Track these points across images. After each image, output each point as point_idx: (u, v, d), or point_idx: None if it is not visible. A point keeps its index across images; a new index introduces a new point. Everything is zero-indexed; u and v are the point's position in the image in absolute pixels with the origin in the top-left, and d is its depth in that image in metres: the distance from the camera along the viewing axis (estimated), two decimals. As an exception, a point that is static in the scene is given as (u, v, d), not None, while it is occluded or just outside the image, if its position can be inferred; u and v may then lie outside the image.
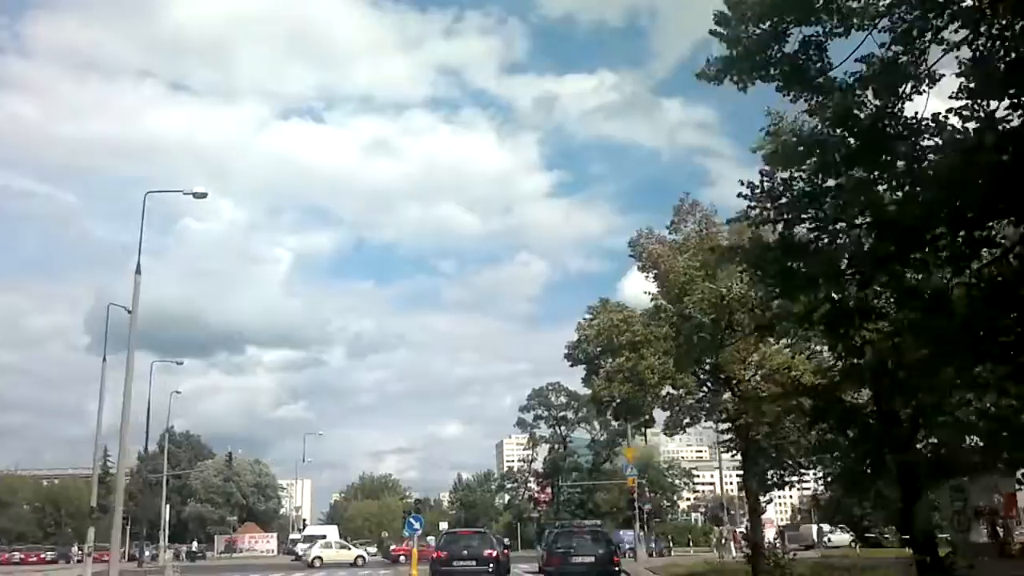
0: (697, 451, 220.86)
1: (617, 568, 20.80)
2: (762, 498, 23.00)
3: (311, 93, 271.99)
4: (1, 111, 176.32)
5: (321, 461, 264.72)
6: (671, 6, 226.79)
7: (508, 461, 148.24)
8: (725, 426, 22.31)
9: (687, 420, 21.93)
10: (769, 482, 22.32)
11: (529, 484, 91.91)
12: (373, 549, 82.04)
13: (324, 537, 63.66)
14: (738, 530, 52.72)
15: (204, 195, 28.14)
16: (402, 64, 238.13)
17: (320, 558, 49.59)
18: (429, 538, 69.76)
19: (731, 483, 74.45)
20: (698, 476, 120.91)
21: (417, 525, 32.41)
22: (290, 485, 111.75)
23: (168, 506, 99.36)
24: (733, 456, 23.09)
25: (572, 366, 22.64)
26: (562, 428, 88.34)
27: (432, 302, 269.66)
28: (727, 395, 21.06)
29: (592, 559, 20.61)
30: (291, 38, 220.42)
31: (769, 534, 41.39)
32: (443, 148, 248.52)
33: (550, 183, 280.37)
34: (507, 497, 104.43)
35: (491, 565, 21.54)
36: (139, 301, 26.77)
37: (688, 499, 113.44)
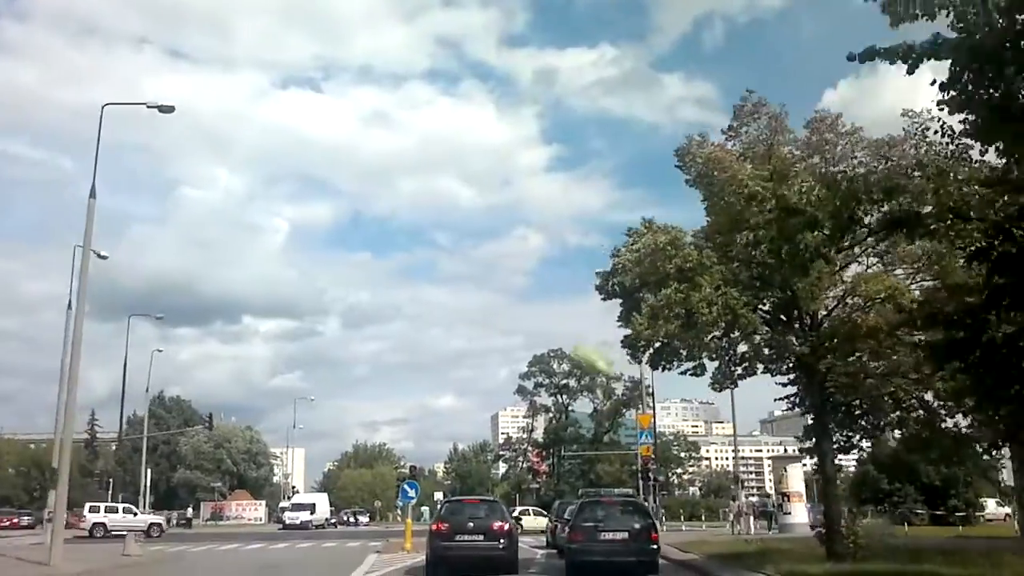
0: (693, 426, 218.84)
1: (656, 546, 17.05)
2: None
3: (310, 63, 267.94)
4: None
5: (316, 431, 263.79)
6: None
7: (503, 433, 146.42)
8: (785, 379, 18.58)
9: (739, 371, 18.20)
10: (835, 446, 18.66)
11: (528, 454, 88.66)
12: (366, 519, 79.33)
13: (313, 506, 60.52)
14: (755, 503, 49.53)
15: (170, 109, 24.73)
16: (401, 35, 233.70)
17: (520, 525, 46.12)
18: (423, 508, 66.98)
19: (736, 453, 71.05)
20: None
21: (412, 493, 29.17)
22: (283, 453, 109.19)
23: (154, 472, 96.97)
24: (804, 414, 19.27)
25: (605, 299, 18.82)
26: (563, 397, 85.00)
27: (429, 274, 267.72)
28: (791, 338, 17.24)
29: (625, 535, 16.82)
30: (290, 6, 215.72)
31: (800, 510, 37.87)
32: (442, 121, 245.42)
33: (549, 157, 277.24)
34: (504, 467, 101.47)
35: (502, 541, 17.75)
36: (93, 228, 23.48)
37: (687, 473, 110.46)
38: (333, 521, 68.28)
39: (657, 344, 17.57)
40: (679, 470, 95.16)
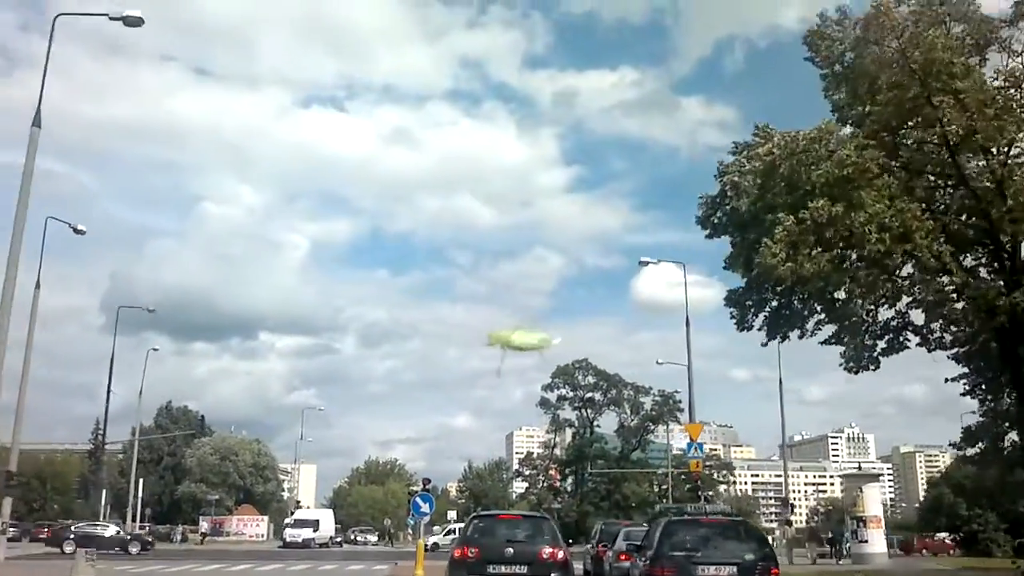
0: (712, 449, 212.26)
1: (780, 586, 11.91)
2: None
3: (333, 81, 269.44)
4: (24, 89, 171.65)
5: (330, 449, 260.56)
6: (694, 5, 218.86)
7: (518, 453, 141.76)
8: (952, 351, 13.43)
9: (881, 346, 12.95)
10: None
11: (550, 471, 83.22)
12: (374, 537, 73.96)
13: (317, 523, 55.64)
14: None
15: (138, 21, 20.23)
16: (425, 55, 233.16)
17: None
18: (436, 528, 61.73)
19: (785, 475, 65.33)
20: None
21: (426, 507, 24.05)
22: (294, 469, 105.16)
23: (158, 484, 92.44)
24: (987, 401, 13.92)
25: (710, 236, 13.88)
26: (588, 411, 79.75)
27: (446, 293, 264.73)
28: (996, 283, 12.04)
29: (734, 569, 11.74)
30: (314, 26, 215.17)
31: (878, 537, 32.31)
32: (463, 140, 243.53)
33: (568, 178, 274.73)
34: (523, 486, 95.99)
35: (554, 574, 12.73)
36: (35, 158, 19.47)
37: (718, 496, 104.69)
38: (339, 539, 63.43)
39: (775, 303, 12.42)
40: (711, 492, 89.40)
